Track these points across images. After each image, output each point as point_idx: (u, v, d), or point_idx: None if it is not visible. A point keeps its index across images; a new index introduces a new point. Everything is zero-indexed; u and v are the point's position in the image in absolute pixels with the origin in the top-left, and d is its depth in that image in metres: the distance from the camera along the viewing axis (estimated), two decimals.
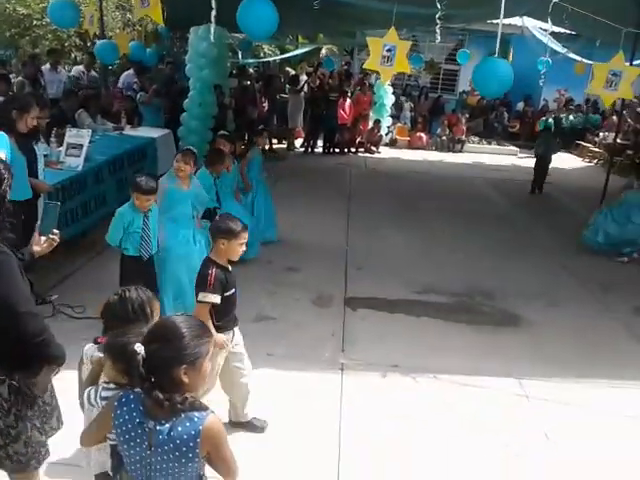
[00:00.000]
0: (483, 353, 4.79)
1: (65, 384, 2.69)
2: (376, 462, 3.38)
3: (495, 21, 9.99)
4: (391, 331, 4.99)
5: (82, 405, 2.57)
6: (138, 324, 2.40)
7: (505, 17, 5.73)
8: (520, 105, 18.15)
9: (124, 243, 4.28)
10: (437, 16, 5.40)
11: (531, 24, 13.28)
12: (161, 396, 1.83)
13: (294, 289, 5.76)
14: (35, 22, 14.23)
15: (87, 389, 2.29)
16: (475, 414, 3.98)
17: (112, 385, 2.22)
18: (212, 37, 5.18)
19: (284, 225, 7.28)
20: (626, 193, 7.81)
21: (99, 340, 2.47)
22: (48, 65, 10.10)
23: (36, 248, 2.68)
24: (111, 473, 2.54)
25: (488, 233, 8.17)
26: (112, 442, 2.16)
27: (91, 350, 2.53)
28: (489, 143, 16.53)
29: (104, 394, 2.21)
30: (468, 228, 8.30)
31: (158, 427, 1.86)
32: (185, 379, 1.85)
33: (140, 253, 4.30)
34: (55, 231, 2.72)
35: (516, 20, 13.30)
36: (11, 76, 9.33)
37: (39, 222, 2.74)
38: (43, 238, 2.70)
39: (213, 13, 4.73)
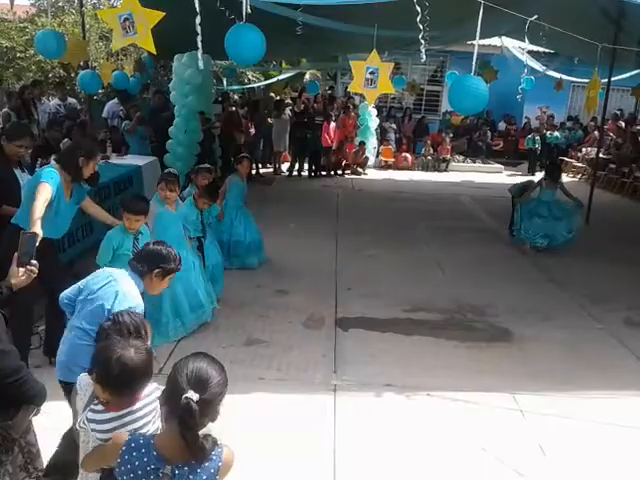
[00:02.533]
0: (476, 369, 4.78)
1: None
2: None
3: (474, 42, 10.19)
4: (383, 350, 4.97)
5: (80, 435, 2.53)
6: None
7: (484, 37, 5.86)
8: (502, 124, 18.42)
9: (113, 265, 4.20)
10: (420, 36, 5.47)
11: (510, 44, 13.55)
12: (207, 444, 1.81)
13: (284, 312, 5.74)
14: (18, 54, 14.31)
15: (81, 414, 2.25)
16: (470, 430, 3.96)
17: (99, 407, 2.16)
18: (201, 64, 5.22)
19: (273, 248, 7.28)
20: (537, 191, 8.52)
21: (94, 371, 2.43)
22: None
23: (13, 281, 2.57)
24: None
25: (476, 250, 8.21)
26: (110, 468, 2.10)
27: (84, 380, 2.49)
28: (474, 161, 16.71)
29: (90, 416, 2.16)
30: (456, 245, 8.34)
31: (177, 472, 1.82)
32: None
33: None
34: (33, 262, 2.60)
35: (496, 40, 13.56)
36: None
37: (16, 253, 2.61)
38: (22, 270, 2.58)
39: (199, 38, 4.75)
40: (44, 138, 7.47)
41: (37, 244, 2.62)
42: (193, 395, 1.76)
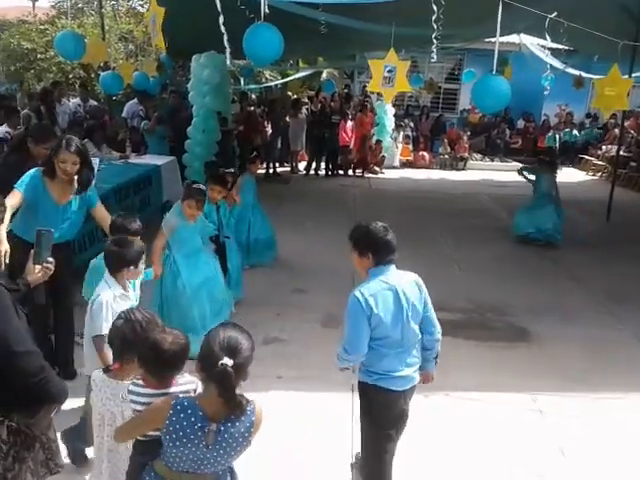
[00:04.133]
0: (495, 369, 4.76)
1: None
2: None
3: (493, 39, 10.11)
4: None
5: (94, 430, 2.58)
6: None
7: (502, 35, 5.82)
8: (521, 122, 18.27)
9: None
10: (433, 36, 5.47)
11: (529, 41, 13.42)
12: (243, 401, 2.04)
13: (302, 310, 5.75)
14: (39, 56, 14.49)
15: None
16: (489, 430, 3.94)
17: (140, 382, 2.34)
18: (228, 61, 5.28)
19: (290, 247, 7.30)
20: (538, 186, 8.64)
21: (111, 368, 2.47)
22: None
23: (30, 278, 2.60)
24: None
25: (494, 248, 8.17)
26: (144, 439, 2.31)
27: (99, 377, 2.53)
28: (492, 160, 16.59)
29: (132, 388, 2.34)
30: (474, 244, 8.29)
31: (222, 428, 2.04)
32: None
33: None
34: (49, 259, 2.64)
35: (514, 37, 13.44)
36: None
37: (33, 251, 2.64)
38: (38, 267, 2.61)
39: (225, 38, 4.80)
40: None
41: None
42: (228, 361, 1.96)
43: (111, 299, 2.96)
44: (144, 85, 10.47)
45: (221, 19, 4.97)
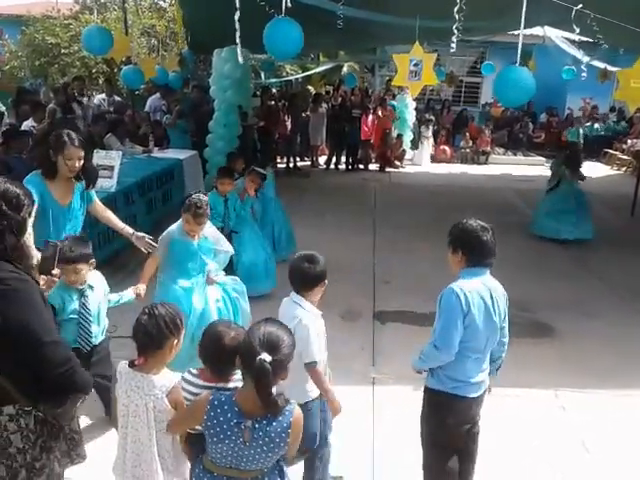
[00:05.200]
0: (517, 364, 4.70)
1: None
2: (411, 476, 3.34)
3: (516, 32, 9.98)
4: (422, 344, 4.95)
5: (116, 420, 2.62)
6: (171, 338, 2.45)
7: (526, 27, 5.73)
8: (544, 116, 18.03)
9: (62, 333, 3.20)
10: (454, 27, 5.42)
11: (553, 33, 13.23)
12: (280, 400, 2.01)
13: (322, 304, 5.74)
14: (63, 50, 14.65)
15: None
16: (511, 425, 3.92)
17: (195, 372, 2.38)
18: (240, 58, 5.25)
19: (310, 240, 7.29)
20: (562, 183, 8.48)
21: (136, 362, 2.50)
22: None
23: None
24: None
25: (516, 243, 8.09)
26: (194, 432, 2.31)
27: (124, 369, 2.57)
28: (514, 154, 16.42)
29: (186, 376, 2.41)
30: (497, 239, 8.22)
31: (257, 425, 2.02)
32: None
33: (78, 344, 3.35)
34: (54, 271, 2.62)
35: (538, 30, 13.26)
36: None
37: (40, 260, 2.59)
38: (42, 278, 2.58)
39: (237, 34, 4.79)
40: (88, 133, 7.65)
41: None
42: (266, 357, 1.94)
43: (312, 321, 2.93)
44: (164, 80, 10.55)
45: (236, 16, 4.99)
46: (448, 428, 2.86)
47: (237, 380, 2.34)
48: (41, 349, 2.12)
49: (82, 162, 3.87)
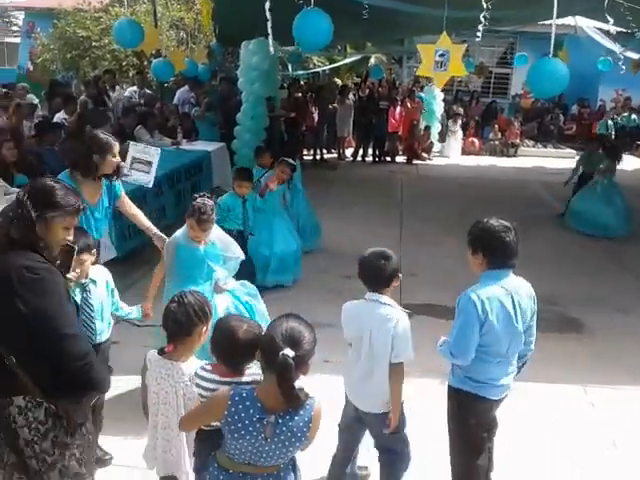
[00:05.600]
0: (546, 360, 4.66)
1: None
2: (440, 469, 3.34)
3: (547, 22, 9.82)
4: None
5: (147, 408, 2.68)
6: (200, 326, 2.50)
7: (557, 17, 5.63)
8: (575, 108, 17.69)
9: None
10: (482, 15, 5.36)
11: (585, 23, 12.96)
12: (302, 395, 2.01)
13: (349, 297, 5.74)
14: (94, 43, 14.83)
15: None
16: (539, 421, 3.90)
17: (209, 367, 2.38)
18: (271, 49, 5.27)
19: (336, 233, 7.33)
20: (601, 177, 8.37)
21: (167, 350, 2.55)
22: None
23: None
24: (177, 473, 2.63)
25: (545, 237, 7.99)
26: (208, 428, 2.33)
27: (154, 357, 2.62)
28: (544, 146, 16.16)
29: (199, 372, 2.39)
30: (524, 233, 8.07)
31: (279, 420, 2.02)
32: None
33: None
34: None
35: (569, 20, 13.01)
36: None
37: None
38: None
39: (269, 24, 4.81)
40: (119, 124, 7.76)
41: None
42: (289, 352, 1.94)
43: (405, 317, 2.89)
44: (193, 72, 10.63)
45: (267, 4, 5.00)
46: (470, 428, 2.84)
47: (251, 374, 2.35)
48: (61, 341, 2.12)
49: None
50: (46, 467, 2.25)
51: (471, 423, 2.84)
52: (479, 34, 5.73)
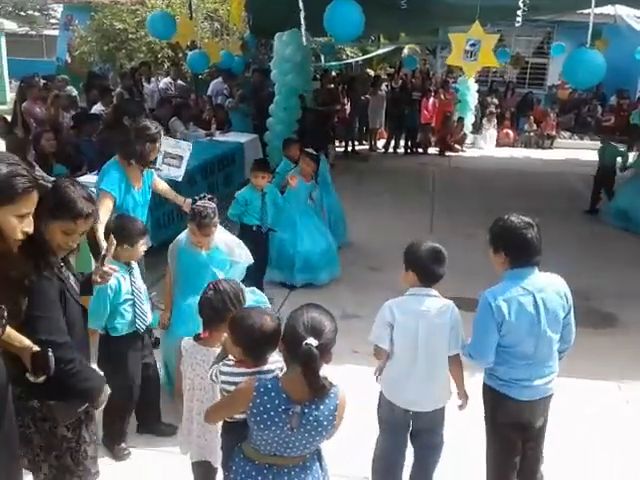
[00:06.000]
0: (578, 355, 4.58)
1: None
2: (470, 466, 3.35)
3: (585, 11, 9.59)
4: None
5: (181, 394, 2.74)
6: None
7: (596, 6, 5.52)
8: (613, 98, 17.25)
9: (111, 322, 3.22)
10: (520, 1, 5.28)
11: (625, 12, 12.63)
12: (326, 384, 2.00)
13: (378, 288, 5.77)
14: (130, 36, 15.05)
15: (212, 367, 2.44)
16: (571, 417, 3.86)
17: (231, 362, 2.37)
18: (304, 40, 5.28)
19: (367, 225, 7.33)
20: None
21: (202, 336, 2.62)
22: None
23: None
24: (210, 459, 2.68)
25: (579, 231, 7.86)
26: (232, 420, 2.34)
27: (189, 343, 2.69)
28: (581, 138, 15.81)
29: (223, 369, 2.37)
30: (558, 226, 7.99)
31: (306, 410, 2.02)
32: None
33: (137, 326, 3.30)
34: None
35: (608, 9, 12.68)
36: None
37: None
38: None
39: (302, 15, 4.84)
40: (154, 116, 7.88)
41: None
42: (313, 341, 1.94)
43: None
44: (229, 64, 10.71)
45: None
46: (499, 426, 2.81)
47: (273, 361, 2.36)
48: (39, 345, 2.10)
49: None
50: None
51: (499, 421, 2.80)
52: (519, 19, 5.64)
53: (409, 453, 3.10)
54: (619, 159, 8.93)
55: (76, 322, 2.32)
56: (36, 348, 2.09)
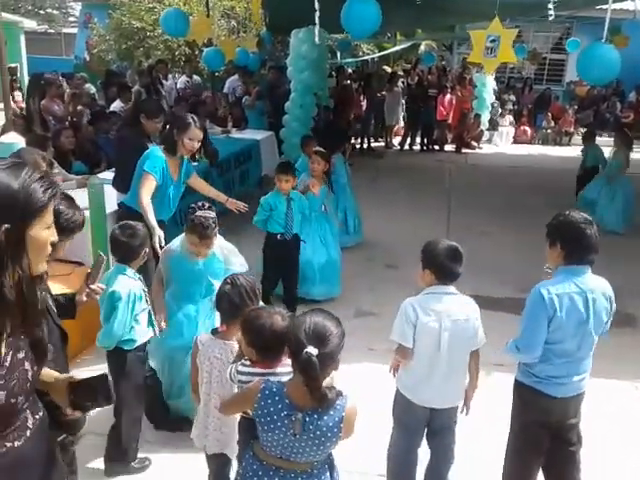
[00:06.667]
0: (595, 354, 4.59)
1: None
2: (485, 467, 3.34)
3: (604, 6, 9.47)
4: (495, 329, 4.82)
5: (196, 390, 2.77)
6: (251, 306, 2.59)
7: (615, 1, 5.47)
8: (633, 95, 17.03)
9: (127, 335, 3.08)
10: None
11: None
12: (328, 394, 1.93)
13: (394, 285, 5.77)
14: (148, 34, 15.15)
15: (230, 365, 2.46)
16: (587, 416, 3.83)
17: (248, 362, 2.36)
18: (317, 38, 5.29)
19: (383, 222, 7.32)
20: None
21: (220, 329, 2.66)
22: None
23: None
24: (226, 451, 2.71)
25: (600, 230, 7.76)
26: (247, 416, 2.32)
27: (205, 338, 2.72)
28: (600, 135, 15.62)
29: (240, 368, 2.36)
30: None
31: (307, 418, 1.96)
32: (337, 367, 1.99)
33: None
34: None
35: (628, 4, 12.49)
36: None
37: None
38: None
39: (317, 14, 4.85)
40: (172, 114, 7.93)
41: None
42: (313, 350, 1.87)
43: None
44: (245, 61, 10.75)
45: None
46: (529, 424, 2.79)
47: (286, 364, 2.26)
48: None
49: (199, 144, 4.25)
50: None
51: (528, 418, 2.79)
52: (551, 12, 5.59)
53: (423, 453, 3.10)
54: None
55: (55, 346, 2.17)
56: (80, 376, 1.84)
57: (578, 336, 2.62)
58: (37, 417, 1.72)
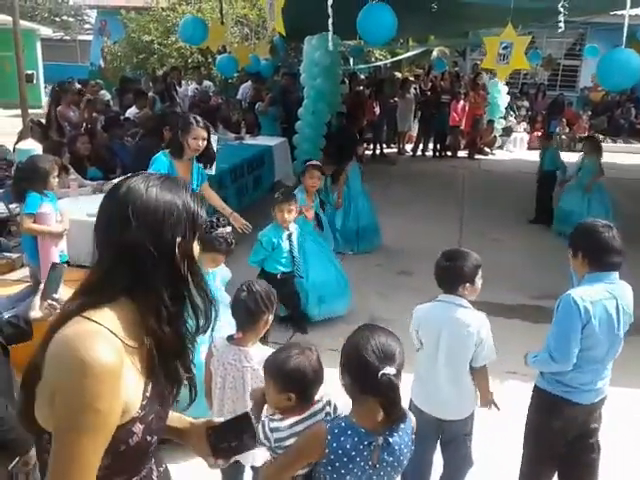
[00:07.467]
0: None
1: None
2: (506, 471, 3.31)
3: (620, 12, 9.41)
4: (507, 337, 4.84)
5: (209, 394, 2.76)
6: (267, 313, 2.59)
7: (632, 7, 5.43)
8: None
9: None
10: (560, 4, 5.22)
11: None
12: (404, 409, 1.89)
13: (406, 292, 5.77)
14: (161, 41, 15.32)
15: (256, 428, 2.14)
16: (604, 427, 3.79)
17: (277, 416, 2.12)
18: (330, 45, 5.31)
19: (395, 229, 7.31)
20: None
21: (235, 336, 2.66)
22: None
23: (34, 314, 2.31)
24: (240, 458, 2.70)
25: None
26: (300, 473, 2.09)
27: (220, 342, 2.72)
28: (614, 141, 15.53)
29: (274, 425, 2.10)
30: None
31: (390, 439, 1.88)
32: None
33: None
34: (55, 296, 2.32)
35: None
36: None
37: (42, 285, 2.40)
38: (44, 303, 2.32)
39: (330, 21, 4.86)
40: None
41: None
42: (390, 370, 1.80)
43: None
44: (257, 67, 10.80)
45: (330, 0, 5.03)
46: (550, 432, 2.76)
47: (317, 401, 2.16)
48: None
49: (205, 142, 4.20)
50: None
51: (553, 426, 2.75)
52: (561, 24, 5.58)
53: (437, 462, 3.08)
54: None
55: None
56: (219, 419, 1.71)
57: (608, 342, 2.62)
58: (161, 469, 1.57)
